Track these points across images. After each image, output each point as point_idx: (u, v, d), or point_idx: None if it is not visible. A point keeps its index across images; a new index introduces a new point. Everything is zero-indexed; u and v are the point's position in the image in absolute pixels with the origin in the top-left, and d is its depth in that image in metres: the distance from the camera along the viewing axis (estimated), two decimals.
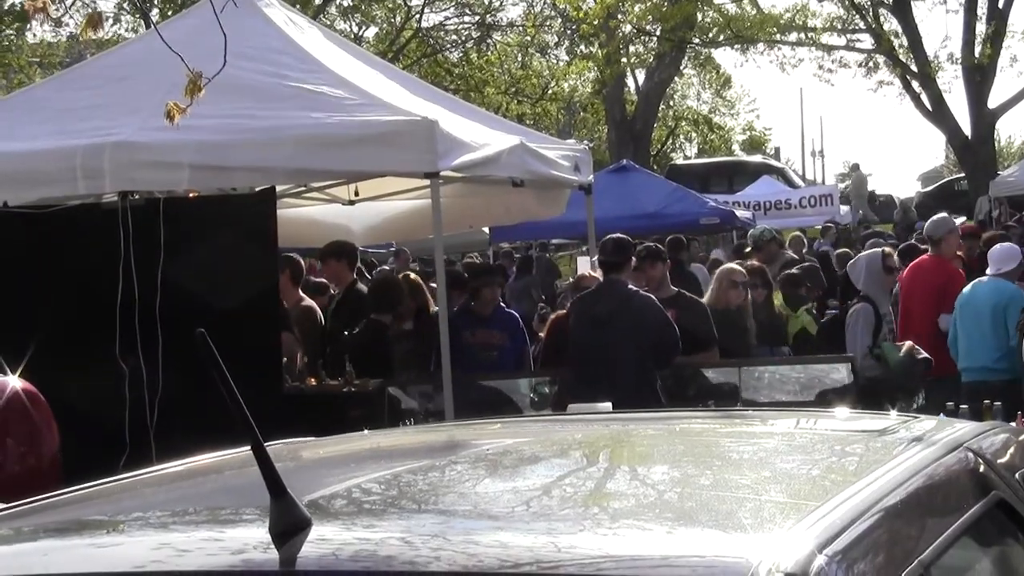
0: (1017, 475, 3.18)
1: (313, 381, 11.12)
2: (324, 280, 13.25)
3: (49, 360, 8.26)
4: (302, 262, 12.50)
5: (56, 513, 2.88)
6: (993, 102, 32.74)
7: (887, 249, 12.38)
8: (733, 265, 12.04)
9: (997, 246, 12.43)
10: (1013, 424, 8.67)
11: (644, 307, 9.90)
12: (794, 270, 14.32)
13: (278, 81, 10.03)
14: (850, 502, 2.45)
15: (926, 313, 11.81)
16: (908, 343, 10.54)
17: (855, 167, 45.38)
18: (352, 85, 10.10)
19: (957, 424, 3.63)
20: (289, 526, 2.23)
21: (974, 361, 11.28)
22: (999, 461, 3.21)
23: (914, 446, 3.09)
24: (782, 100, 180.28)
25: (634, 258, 10.55)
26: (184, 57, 6.52)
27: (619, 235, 10.54)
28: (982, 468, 3.07)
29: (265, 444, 2.32)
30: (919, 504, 2.69)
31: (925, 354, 10.41)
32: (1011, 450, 3.44)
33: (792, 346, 12.41)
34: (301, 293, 12.15)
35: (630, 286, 10.13)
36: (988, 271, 11.71)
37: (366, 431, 4.09)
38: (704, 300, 11.27)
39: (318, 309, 12.14)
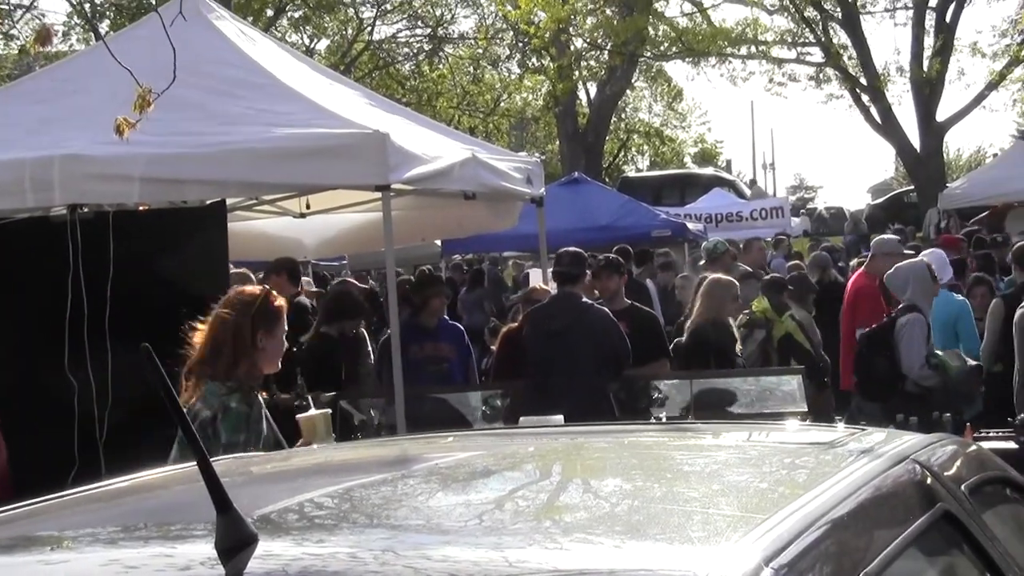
0: (963, 487, 3.20)
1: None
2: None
3: None
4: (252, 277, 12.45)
5: (4, 529, 2.86)
6: (941, 115, 33.03)
7: (926, 259, 12.48)
8: (725, 276, 11.87)
9: (925, 254, 12.53)
10: (961, 436, 8.76)
11: (598, 320, 9.94)
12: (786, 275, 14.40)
13: (229, 94, 9.99)
14: (797, 514, 2.46)
15: (844, 326, 11.95)
16: (955, 352, 10.61)
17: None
18: (303, 97, 10.08)
19: (905, 436, 3.65)
20: (235, 542, 2.22)
21: None
22: (945, 473, 3.23)
23: (862, 458, 3.11)
24: (733, 113, 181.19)
25: (589, 271, 10.61)
26: (135, 69, 6.50)
27: (575, 248, 10.58)
28: (928, 480, 3.09)
29: (213, 459, 2.31)
30: (865, 516, 2.71)
31: (975, 362, 10.52)
32: (957, 462, 3.46)
33: (777, 350, 12.45)
34: None
35: (584, 299, 10.18)
36: None
37: (315, 445, 4.08)
38: (697, 311, 11.12)
39: None
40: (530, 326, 10.34)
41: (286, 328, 6.51)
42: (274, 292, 6.51)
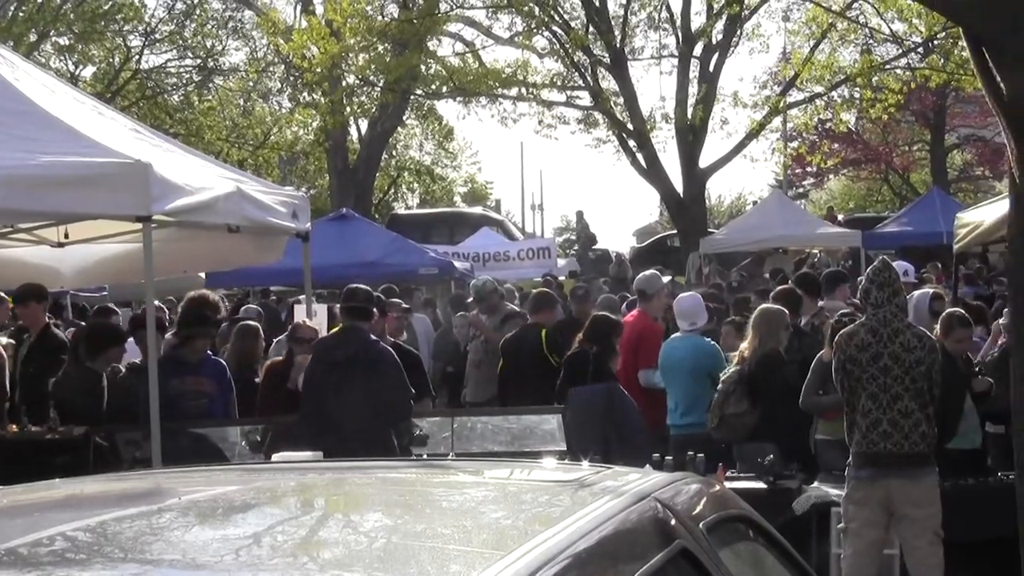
0: (701, 525, 3.29)
1: (14, 428, 10.79)
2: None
3: None
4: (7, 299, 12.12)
5: None
6: (704, 162, 33.81)
7: (937, 291, 12.58)
8: (775, 306, 11.47)
9: (681, 298, 12.77)
10: (711, 475, 8.98)
11: (381, 356, 10.00)
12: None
13: None
14: (537, 550, 2.51)
15: (626, 366, 12.03)
16: None
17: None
18: (64, 125, 9.85)
19: (651, 475, 3.74)
20: None
21: (680, 417, 11.58)
22: (685, 511, 3.31)
23: (604, 496, 3.18)
24: (504, 153, 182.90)
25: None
26: None
27: (365, 286, 10.69)
28: (667, 518, 3.16)
29: None
30: (603, 553, 2.77)
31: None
32: (697, 501, 3.55)
33: None
34: None
35: (371, 335, 10.22)
36: (681, 327, 12.02)
37: (57, 480, 3.99)
38: (754, 341, 10.82)
39: (3, 353, 11.74)
40: (314, 357, 10.31)
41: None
42: None
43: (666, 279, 14.65)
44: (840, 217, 41.07)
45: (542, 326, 13.42)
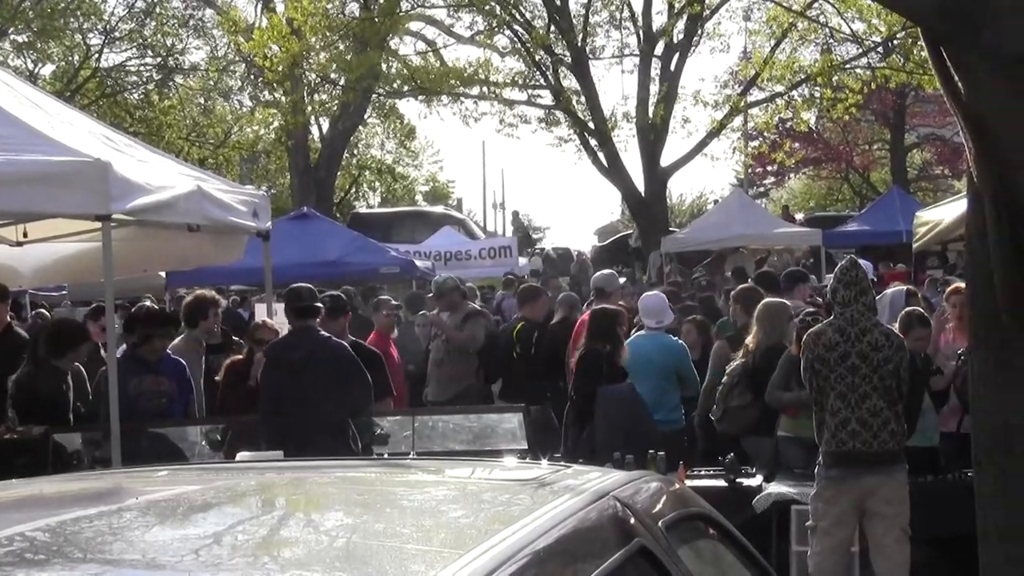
0: (660, 523, 3.30)
1: None
2: None
3: None
4: None
5: None
6: (665, 161, 33.87)
7: (911, 288, 12.68)
8: (778, 299, 11.50)
9: (646, 296, 12.79)
10: (672, 473, 9.00)
11: (338, 353, 9.99)
12: None
13: None
14: (495, 549, 2.52)
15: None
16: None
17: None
18: (22, 123, 9.78)
19: (610, 474, 3.75)
20: None
21: None
22: (644, 509, 3.32)
23: (563, 495, 3.19)
24: (466, 152, 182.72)
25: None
26: None
27: (307, 285, 10.66)
28: (625, 516, 3.17)
29: None
30: (562, 551, 2.78)
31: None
32: (657, 499, 3.56)
33: None
34: None
35: (322, 332, 10.21)
36: (646, 324, 12.04)
37: (14, 480, 3.98)
38: (759, 335, 10.84)
39: None
40: (269, 359, 10.28)
41: None
42: None
43: (622, 280, 14.81)
44: (800, 216, 41.20)
45: (524, 319, 13.67)
